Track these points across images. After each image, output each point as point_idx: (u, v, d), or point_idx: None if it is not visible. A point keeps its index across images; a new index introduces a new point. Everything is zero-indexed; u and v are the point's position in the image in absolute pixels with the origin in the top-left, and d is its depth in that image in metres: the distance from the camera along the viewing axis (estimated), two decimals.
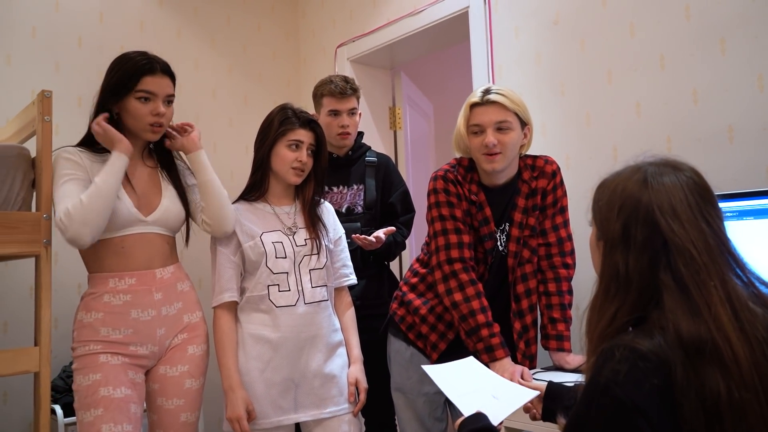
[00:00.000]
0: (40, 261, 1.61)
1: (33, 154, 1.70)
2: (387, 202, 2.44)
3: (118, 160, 1.63)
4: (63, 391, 2.39)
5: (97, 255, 1.68)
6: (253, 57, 3.45)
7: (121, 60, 1.71)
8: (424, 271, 1.95)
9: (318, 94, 2.39)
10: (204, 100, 3.23)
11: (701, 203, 0.93)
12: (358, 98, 2.41)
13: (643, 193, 0.93)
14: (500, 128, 1.73)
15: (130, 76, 1.67)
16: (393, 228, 2.28)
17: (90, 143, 1.73)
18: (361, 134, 2.51)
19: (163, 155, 1.85)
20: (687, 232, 0.90)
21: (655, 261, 0.91)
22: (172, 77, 1.76)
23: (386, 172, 2.47)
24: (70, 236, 1.57)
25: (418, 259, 2.02)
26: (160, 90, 1.71)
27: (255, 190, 1.91)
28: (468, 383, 1.41)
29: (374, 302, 2.30)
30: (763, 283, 0.94)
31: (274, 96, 3.48)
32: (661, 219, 0.91)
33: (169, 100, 1.75)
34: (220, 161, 3.20)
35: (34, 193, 1.69)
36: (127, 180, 1.71)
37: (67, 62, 2.77)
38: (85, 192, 1.59)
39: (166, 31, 3.09)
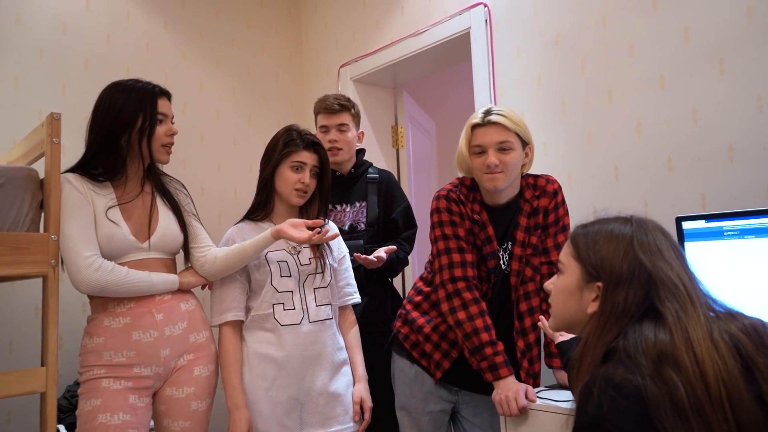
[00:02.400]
0: (47, 282, 1.61)
1: (41, 175, 1.72)
2: (389, 217, 2.46)
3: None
4: (67, 411, 2.39)
5: None
6: (257, 78, 3.49)
7: (124, 88, 1.75)
8: (427, 289, 1.96)
9: (314, 113, 2.44)
10: (209, 120, 3.27)
11: (673, 247, 1.10)
12: (353, 115, 2.43)
13: (639, 242, 1.08)
14: (502, 148, 1.76)
15: (144, 104, 1.73)
16: (394, 246, 2.30)
17: (87, 167, 1.73)
18: (362, 151, 2.53)
19: (157, 179, 1.86)
20: (672, 269, 1.06)
21: (647, 295, 1.04)
22: (170, 98, 1.85)
23: (388, 187, 2.49)
24: (79, 288, 1.64)
25: (421, 278, 2.03)
26: (169, 112, 1.80)
27: (260, 210, 1.93)
28: None
29: (378, 319, 2.31)
30: (728, 310, 1.07)
31: (277, 116, 3.52)
32: (653, 259, 1.07)
33: (173, 121, 1.83)
34: (223, 180, 3.25)
35: (42, 215, 1.70)
36: (125, 207, 1.73)
37: (74, 84, 2.81)
38: (133, 271, 1.67)
39: (171, 53, 3.13)
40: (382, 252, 2.23)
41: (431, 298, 1.93)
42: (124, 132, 1.71)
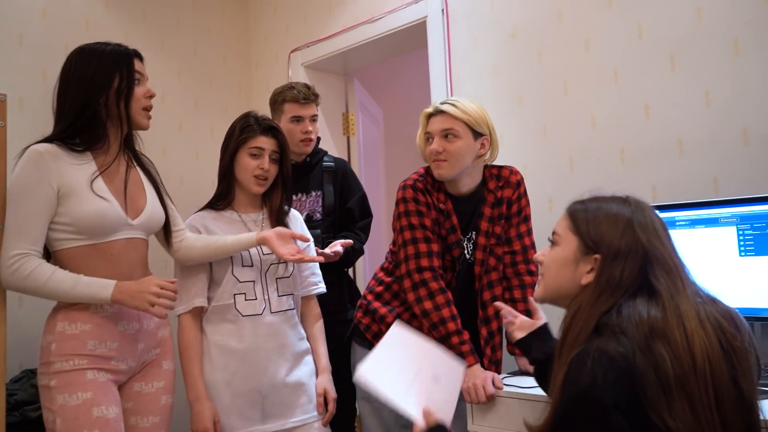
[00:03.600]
0: None
1: None
2: (345, 207, 2.44)
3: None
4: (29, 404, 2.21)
5: (85, 262, 1.54)
6: (203, 61, 3.36)
7: (94, 51, 1.61)
8: (389, 279, 1.96)
9: (279, 100, 2.36)
10: (153, 105, 3.12)
11: (665, 230, 1.16)
12: (318, 105, 2.40)
13: (636, 219, 1.13)
14: (446, 135, 1.78)
15: (120, 63, 1.60)
16: (350, 241, 2.28)
17: (62, 137, 1.56)
18: (318, 140, 2.50)
19: (134, 152, 1.74)
20: (666, 250, 1.12)
21: (642, 270, 1.10)
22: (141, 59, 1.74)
23: (344, 176, 2.48)
24: (5, 286, 1.51)
25: (382, 268, 2.02)
26: (145, 72, 1.70)
27: (222, 200, 1.89)
28: (404, 371, 1.34)
29: (335, 309, 2.29)
30: (709, 295, 1.13)
31: (224, 101, 3.41)
32: (650, 237, 1.11)
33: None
34: (169, 167, 3.12)
35: None
36: (110, 179, 1.60)
37: (8, 62, 2.62)
38: (59, 275, 1.49)
39: (112, 33, 2.96)
40: (338, 246, 2.22)
41: (393, 288, 1.93)
42: (101, 95, 1.57)
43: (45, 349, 1.54)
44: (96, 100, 1.57)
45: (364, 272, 3.28)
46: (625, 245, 1.10)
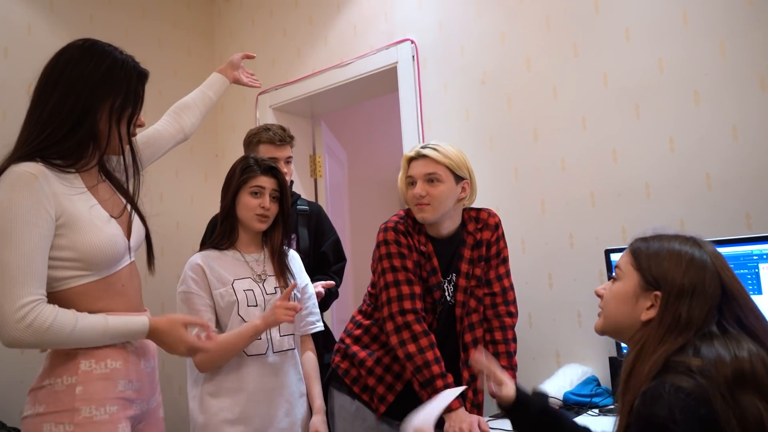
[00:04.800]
0: None
1: None
2: (319, 250, 2.43)
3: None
4: None
5: (96, 300, 1.32)
6: (169, 101, 3.27)
7: (104, 52, 1.37)
8: (367, 322, 1.94)
9: (254, 141, 2.35)
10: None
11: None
12: (292, 147, 2.41)
13: (705, 257, 1.12)
14: (429, 180, 1.81)
15: (127, 82, 1.37)
16: (332, 282, 2.27)
17: (48, 154, 1.29)
18: (291, 183, 2.49)
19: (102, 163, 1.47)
20: (743, 291, 1.11)
21: (713, 311, 1.08)
22: None
23: (318, 220, 2.48)
24: (12, 343, 1.21)
25: (360, 311, 2.01)
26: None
27: (225, 240, 1.89)
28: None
29: None
30: None
31: (190, 142, 3.28)
32: (726, 280, 1.10)
33: None
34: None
35: None
36: (98, 201, 1.37)
37: None
38: (86, 320, 1.26)
39: None
40: (320, 287, 2.20)
41: (372, 331, 1.92)
42: (103, 106, 1.33)
43: (61, 393, 1.27)
44: (98, 110, 1.33)
45: (332, 316, 3.24)
46: (689, 283, 1.09)
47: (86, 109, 1.31)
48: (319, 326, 2.00)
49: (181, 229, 3.21)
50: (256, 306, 1.81)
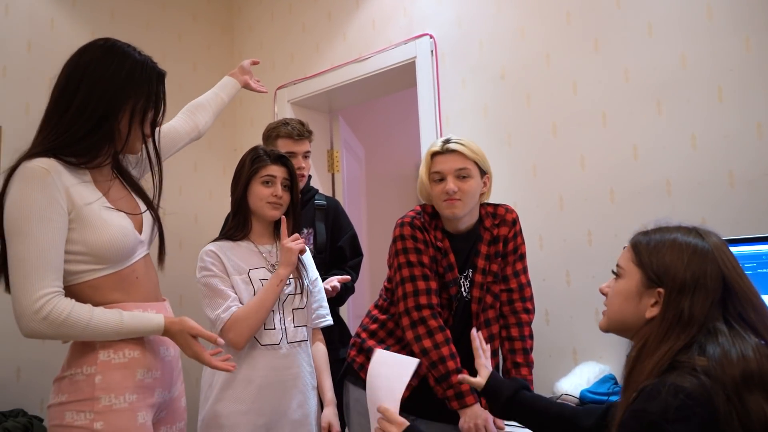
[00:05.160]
0: None
1: None
2: (336, 245, 2.43)
3: None
4: None
5: (112, 292, 1.35)
6: (189, 96, 3.30)
7: (126, 54, 1.38)
8: (383, 317, 1.94)
9: (272, 136, 2.36)
10: None
11: (738, 262, 1.11)
12: (311, 141, 2.41)
13: (707, 248, 1.07)
14: (460, 175, 1.79)
15: (147, 83, 1.38)
16: (348, 277, 2.28)
17: (62, 152, 1.32)
18: (309, 177, 2.50)
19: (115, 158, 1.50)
20: (747, 285, 1.06)
21: (715, 306, 1.04)
22: None
23: (335, 215, 2.47)
24: (22, 332, 1.25)
25: (376, 305, 2.01)
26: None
27: (239, 231, 1.89)
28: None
29: (328, 347, 2.26)
30: None
31: (208, 136, 3.36)
32: (726, 272, 1.06)
33: None
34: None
35: None
36: (109, 195, 1.40)
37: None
38: (102, 316, 1.29)
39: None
40: (335, 281, 2.20)
41: (388, 325, 1.92)
42: (124, 108, 1.35)
43: (82, 383, 1.30)
44: (120, 111, 1.35)
45: (349, 311, 3.25)
46: (692, 277, 1.05)
47: (108, 111, 1.33)
48: (329, 320, 2.00)
49: (199, 223, 3.24)
50: None
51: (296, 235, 1.85)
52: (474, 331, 1.62)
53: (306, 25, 3.24)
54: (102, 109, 1.32)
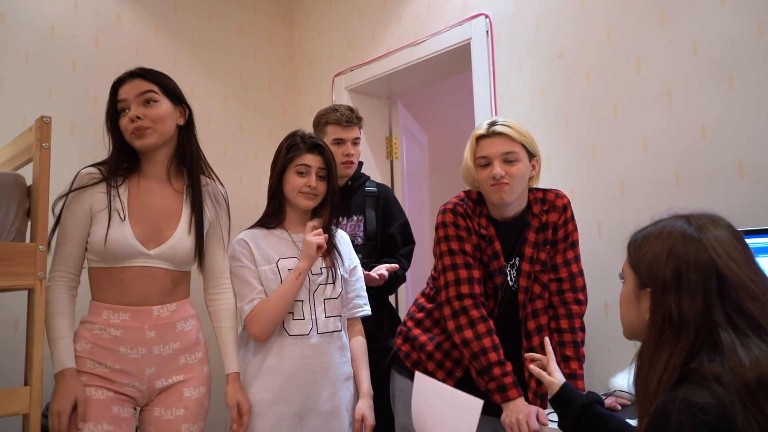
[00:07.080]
0: (33, 295, 1.51)
1: (28, 181, 1.62)
2: (387, 233, 2.40)
3: None
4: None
5: (99, 283, 1.63)
6: (249, 86, 3.41)
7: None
8: (430, 306, 1.90)
9: (322, 122, 2.35)
10: (199, 128, 3.12)
11: (746, 249, 0.99)
12: (360, 128, 2.38)
13: (691, 239, 0.97)
14: (507, 159, 1.71)
15: (110, 95, 1.68)
16: (396, 265, 2.24)
17: (110, 162, 1.67)
18: (360, 164, 2.48)
19: (195, 178, 1.74)
20: (745, 273, 0.95)
21: (710, 301, 0.93)
22: (142, 76, 1.65)
23: (386, 202, 2.44)
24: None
25: (423, 294, 1.96)
26: (129, 95, 1.63)
27: (273, 218, 1.89)
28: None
29: (375, 336, 2.23)
30: None
31: (269, 124, 3.44)
32: (718, 261, 0.94)
33: (146, 99, 1.63)
34: None
35: (29, 223, 1.61)
36: (140, 205, 1.65)
37: (61, 87, 2.71)
38: (54, 322, 1.56)
39: (162, 58, 3.04)
40: (383, 269, 2.18)
41: (434, 314, 1.87)
42: (114, 121, 1.68)
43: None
44: (115, 126, 1.67)
45: (406, 300, 3.22)
46: (673, 271, 0.95)
47: (112, 125, 1.68)
48: (366, 310, 1.96)
49: (260, 210, 3.27)
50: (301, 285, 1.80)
51: (318, 227, 1.81)
52: (546, 339, 1.57)
53: (362, 10, 3.21)
54: (108, 121, 1.69)
